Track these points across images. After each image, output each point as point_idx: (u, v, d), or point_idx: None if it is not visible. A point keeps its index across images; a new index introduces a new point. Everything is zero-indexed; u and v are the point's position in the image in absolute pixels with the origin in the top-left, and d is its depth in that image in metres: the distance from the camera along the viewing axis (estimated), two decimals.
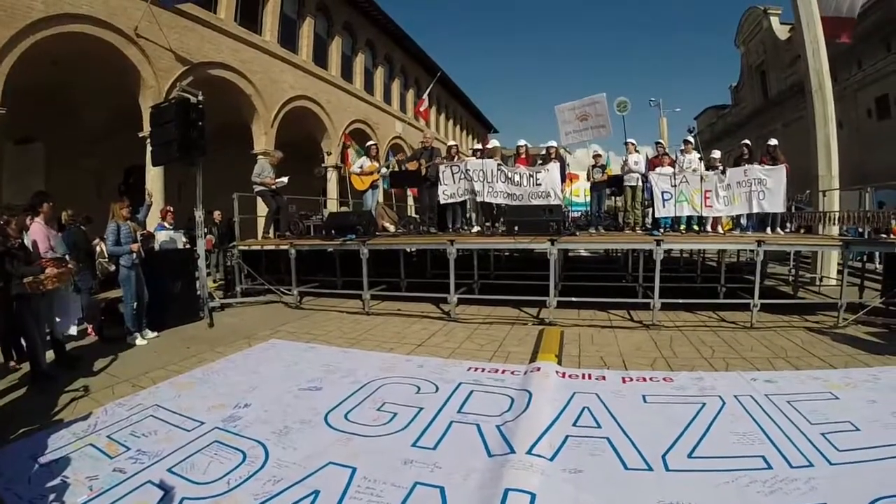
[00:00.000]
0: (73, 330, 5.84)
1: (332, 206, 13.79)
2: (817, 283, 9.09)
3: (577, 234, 8.00)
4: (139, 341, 5.67)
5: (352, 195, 11.01)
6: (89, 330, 6.16)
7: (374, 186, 9.01)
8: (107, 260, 6.08)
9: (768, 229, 7.72)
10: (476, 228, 8.84)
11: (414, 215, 12.79)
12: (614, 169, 10.59)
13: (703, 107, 36.69)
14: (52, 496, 2.60)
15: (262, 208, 9.90)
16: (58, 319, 4.94)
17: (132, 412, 3.67)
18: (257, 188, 8.37)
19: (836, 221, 8.35)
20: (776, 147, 8.08)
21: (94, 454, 3.03)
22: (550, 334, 5.64)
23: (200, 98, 7.14)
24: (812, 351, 4.88)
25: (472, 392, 3.90)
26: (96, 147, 11.86)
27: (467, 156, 9.27)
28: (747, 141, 8.77)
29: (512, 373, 4.33)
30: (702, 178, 7.71)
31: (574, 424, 3.25)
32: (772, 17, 23.75)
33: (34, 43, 7.83)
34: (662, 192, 7.86)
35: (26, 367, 4.79)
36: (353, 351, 5.33)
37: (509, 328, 6.19)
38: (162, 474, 2.79)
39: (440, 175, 8.34)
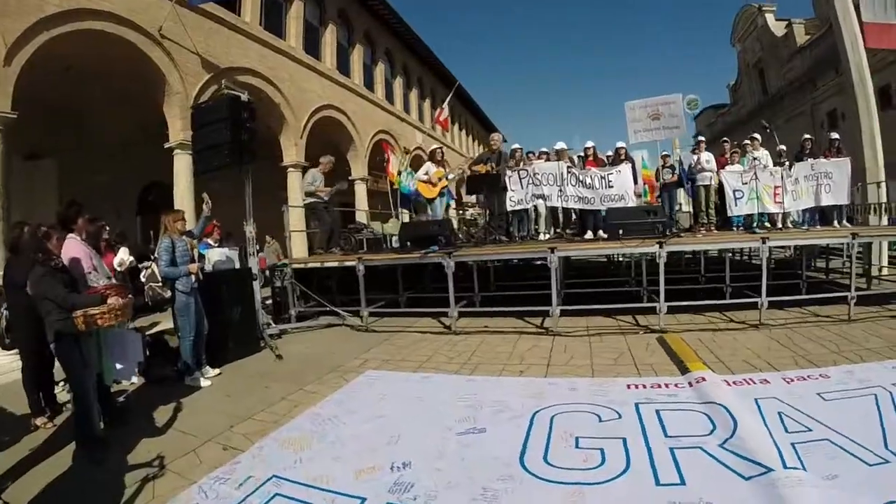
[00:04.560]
0: (134, 378, 4.68)
1: (374, 218, 12.71)
2: (878, 273, 8.79)
3: (682, 235, 7.32)
4: (203, 382, 4.57)
5: (400, 205, 10.18)
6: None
7: (441, 194, 8.30)
8: (160, 284, 4.93)
9: (835, 222, 7.65)
10: (545, 235, 8.33)
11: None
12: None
13: (701, 108, 36.25)
14: None
15: (295, 224, 8.93)
16: (118, 366, 3.81)
17: (245, 492, 2.60)
18: (308, 199, 7.41)
19: (885, 212, 8.66)
20: (839, 140, 8.08)
21: None
22: (676, 342, 5.03)
23: (249, 97, 6.23)
24: None
25: (658, 412, 3.35)
26: (110, 163, 10.66)
27: (533, 159, 8.64)
28: (808, 136, 8.61)
29: (676, 385, 3.87)
30: (773, 174, 7.55)
31: (786, 431, 2.96)
32: (766, 14, 23.37)
33: (47, 41, 6.82)
34: (734, 191, 7.58)
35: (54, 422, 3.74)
36: (479, 378, 4.36)
37: (623, 338, 5.57)
38: None
39: (507, 181, 7.81)
